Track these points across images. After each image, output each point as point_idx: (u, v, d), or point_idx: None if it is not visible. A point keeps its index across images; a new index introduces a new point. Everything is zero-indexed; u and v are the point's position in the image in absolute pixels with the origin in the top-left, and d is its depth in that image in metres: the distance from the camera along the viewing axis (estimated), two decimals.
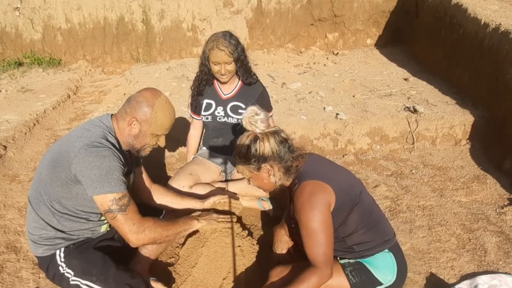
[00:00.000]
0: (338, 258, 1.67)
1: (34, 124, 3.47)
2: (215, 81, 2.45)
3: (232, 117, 2.47)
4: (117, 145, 1.67)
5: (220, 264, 1.84)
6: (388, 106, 3.51)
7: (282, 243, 1.92)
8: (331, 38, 5.49)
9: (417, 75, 4.24)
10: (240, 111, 2.46)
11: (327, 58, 5.11)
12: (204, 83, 2.43)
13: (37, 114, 3.58)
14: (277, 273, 1.66)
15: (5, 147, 3.04)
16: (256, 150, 1.57)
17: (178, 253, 2.05)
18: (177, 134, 3.22)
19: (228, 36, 2.25)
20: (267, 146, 1.57)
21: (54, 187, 1.59)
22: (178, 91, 4.00)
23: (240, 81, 2.45)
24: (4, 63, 4.91)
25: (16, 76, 4.65)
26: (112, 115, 1.73)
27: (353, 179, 1.69)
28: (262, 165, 1.59)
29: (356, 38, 5.53)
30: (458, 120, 3.25)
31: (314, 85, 4.13)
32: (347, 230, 1.59)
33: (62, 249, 1.68)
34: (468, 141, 3.25)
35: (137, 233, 1.56)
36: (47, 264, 1.68)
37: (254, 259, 1.91)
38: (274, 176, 1.62)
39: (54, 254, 1.67)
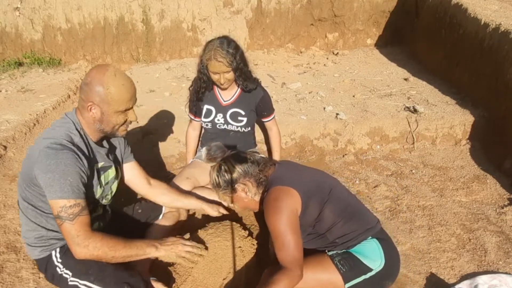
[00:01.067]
0: (326, 250, 1.71)
1: (34, 124, 3.47)
2: (215, 87, 2.44)
3: (232, 124, 2.45)
4: (84, 142, 1.59)
5: (220, 264, 1.84)
6: (388, 106, 3.51)
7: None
8: (331, 38, 5.49)
9: (417, 75, 4.24)
10: (239, 118, 2.44)
11: (327, 58, 5.11)
12: (203, 90, 2.41)
13: (37, 114, 3.58)
14: (268, 273, 1.67)
15: (5, 147, 3.04)
16: (224, 176, 1.71)
17: None
18: (177, 134, 3.23)
19: (226, 44, 2.20)
20: (231, 169, 1.71)
21: (29, 190, 1.57)
22: (178, 91, 4.00)
23: (239, 88, 2.43)
24: (4, 63, 4.90)
25: (16, 76, 4.65)
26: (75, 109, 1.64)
27: (322, 178, 1.77)
28: (236, 186, 1.71)
29: (356, 38, 5.53)
30: (458, 120, 3.25)
31: (314, 85, 4.13)
32: (324, 226, 1.66)
33: (58, 249, 1.66)
34: (468, 141, 3.25)
35: (80, 246, 1.46)
36: (45, 266, 1.67)
37: (254, 259, 1.91)
38: (250, 192, 1.72)
39: (50, 255, 1.66)
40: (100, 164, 1.67)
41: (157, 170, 2.91)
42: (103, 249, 1.50)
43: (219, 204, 2.08)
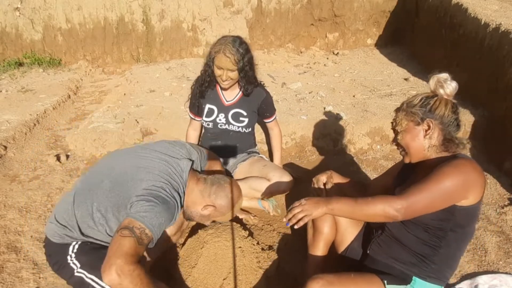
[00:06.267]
0: (385, 281, 1.52)
1: (35, 124, 3.47)
2: (218, 86, 2.43)
3: (233, 125, 2.45)
4: (179, 209, 1.64)
5: (221, 264, 1.84)
6: (388, 106, 3.51)
7: (324, 176, 1.88)
8: (331, 38, 5.50)
9: (417, 75, 4.23)
10: (241, 118, 2.44)
11: (327, 58, 5.11)
12: (206, 84, 2.40)
13: (37, 114, 3.58)
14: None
15: (6, 147, 3.04)
16: (429, 103, 1.48)
17: (178, 253, 2.05)
18: (177, 134, 3.22)
19: (238, 43, 2.19)
20: (441, 106, 1.48)
21: (109, 201, 1.56)
22: (178, 91, 4.00)
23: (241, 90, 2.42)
24: (4, 63, 4.91)
25: (16, 76, 4.66)
26: (191, 167, 1.72)
27: None
28: (427, 119, 1.48)
29: (356, 38, 5.53)
30: None
31: (314, 85, 4.13)
32: (452, 237, 1.46)
33: (79, 242, 1.63)
34: (468, 141, 3.22)
35: (124, 265, 1.33)
36: (55, 250, 1.63)
37: (255, 259, 1.91)
38: (430, 139, 1.49)
39: (69, 245, 1.62)
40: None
41: None
42: (140, 283, 1.37)
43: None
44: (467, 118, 3.24)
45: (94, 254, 1.58)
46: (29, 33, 4.93)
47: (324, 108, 3.52)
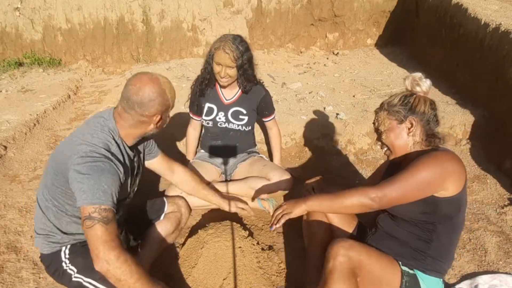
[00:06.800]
0: (400, 262, 1.55)
1: (34, 124, 3.47)
2: (217, 85, 2.43)
3: (233, 123, 2.46)
4: (120, 150, 1.59)
5: (221, 264, 1.84)
6: None
7: (312, 181, 1.96)
8: (331, 38, 5.50)
9: None
10: (241, 117, 2.45)
11: (327, 58, 5.11)
12: (206, 82, 2.40)
13: (37, 114, 3.58)
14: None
15: (5, 147, 3.04)
16: (409, 101, 1.55)
17: (178, 253, 2.05)
18: (178, 135, 3.22)
19: (238, 41, 2.20)
20: (421, 103, 1.54)
21: (57, 193, 1.57)
22: (178, 91, 3.99)
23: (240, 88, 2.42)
24: (4, 63, 4.90)
25: (16, 76, 4.65)
26: (113, 110, 1.64)
27: None
28: (409, 117, 1.53)
29: (356, 38, 5.53)
30: (458, 120, 3.25)
31: (314, 85, 4.13)
32: (442, 230, 1.49)
33: (69, 246, 1.65)
34: (468, 141, 3.25)
35: (110, 250, 1.36)
36: (50, 260, 1.65)
37: (255, 259, 1.91)
38: (413, 136, 1.54)
39: (60, 251, 1.64)
40: (129, 171, 1.68)
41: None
42: (126, 268, 1.38)
43: (236, 199, 2.13)
44: (467, 118, 3.24)
45: (88, 256, 1.54)
46: (29, 33, 4.93)
47: (324, 108, 3.52)
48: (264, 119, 2.57)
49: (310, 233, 1.85)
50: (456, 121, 3.25)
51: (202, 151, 2.64)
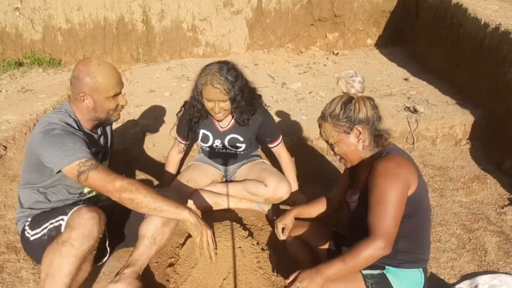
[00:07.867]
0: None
1: (35, 124, 3.46)
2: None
3: (231, 149, 2.37)
4: (78, 126, 1.73)
5: (221, 264, 1.84)
6: (388, 106, 3.51)
7: (280, 226, 1.94)
8: (331, 38, 5.49)
9: (417, 75, 4.23)
10: (238, 144, 2.33)
11: (327, 58, 5.11)
12: (196, 120, 2.23)
13: (37, 114, 3.58)
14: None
15: (5, 147, 3.04)
16: (350, 110, 1.52)
17: (178, 253, 2.05)
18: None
19: (226, 70, 2.01)
20: (362, 108, 1.52)
21: (31, 173, 1.69)
22: (178, 91, 4.00)
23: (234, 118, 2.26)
24: (4, 63, 4.90)
25: (16, 76, 4.65)
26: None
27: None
28: (354, 127, 1.53)
29: (356, 38, 5.53)
30: (458, 120, 3.25)
31: (314, 85, 4.14)
32: (405, 229, 1.50)
33: (29, 219, 1.76)
34: (468, 141, 3.25)
35: (115, 180, 1.54)
36: (21, 239, 1.79)
37: (255, 259, 1.91)
38: (362, 142, 1.56)
39: (24, 225, 1.76)
40: (93, 150, 1.73)
41: (157, 170, 2.91)
42: (136, 186, 1.54)
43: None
44: (467, 118, 3.24)
45: (41, 216, 1.72)
46: (29, 33, 4.93)
47: None
48: (268, 146, 2.39)
49: (292, 257, 1.98)
50: (456, 121, 3.25)
51: (202, 154, 2.60)
